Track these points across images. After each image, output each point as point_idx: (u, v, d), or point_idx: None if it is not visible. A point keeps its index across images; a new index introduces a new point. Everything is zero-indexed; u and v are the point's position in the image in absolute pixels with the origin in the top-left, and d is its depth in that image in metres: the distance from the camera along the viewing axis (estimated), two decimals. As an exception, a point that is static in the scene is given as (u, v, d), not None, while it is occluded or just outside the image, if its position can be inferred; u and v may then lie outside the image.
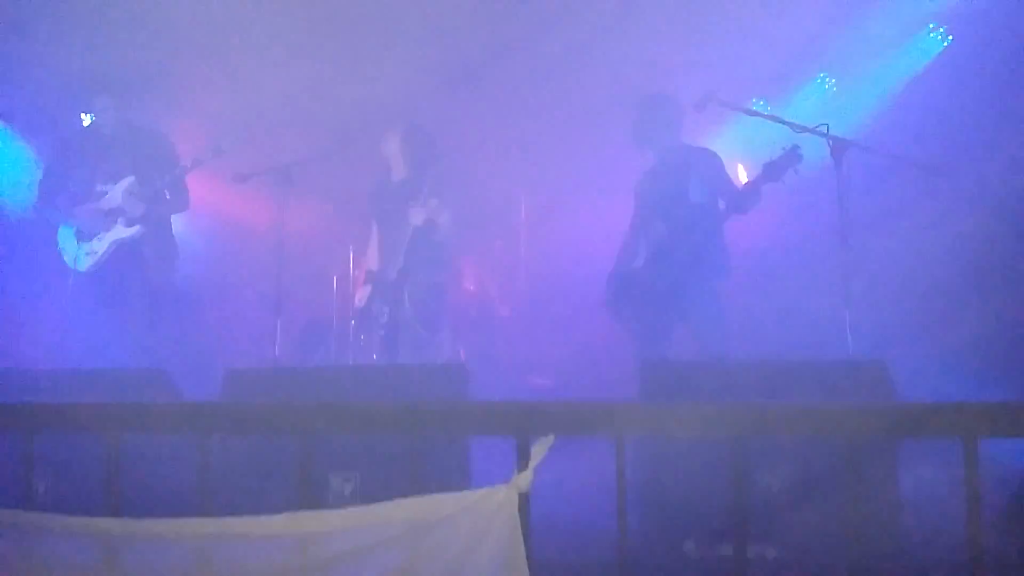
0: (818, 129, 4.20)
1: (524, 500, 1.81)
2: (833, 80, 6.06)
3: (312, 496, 1.94)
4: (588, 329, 6.14)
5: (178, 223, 5.36)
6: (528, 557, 1.76)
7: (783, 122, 4.48)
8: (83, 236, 4.99)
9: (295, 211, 4.63)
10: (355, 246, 6.21)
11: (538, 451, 1.80)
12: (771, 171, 4.26)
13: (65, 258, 5.00)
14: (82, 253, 4.96)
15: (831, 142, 4.14)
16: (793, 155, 4.22)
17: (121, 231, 4.94)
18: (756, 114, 4.87)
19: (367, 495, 2.85)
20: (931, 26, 5.52)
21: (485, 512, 1.80)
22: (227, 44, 5.76)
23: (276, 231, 4.50)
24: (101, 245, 4.95)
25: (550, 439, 1.80)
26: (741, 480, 1.83)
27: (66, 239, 5.04)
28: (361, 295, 5.27)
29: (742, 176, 5.82)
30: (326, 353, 6.10)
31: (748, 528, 1.89)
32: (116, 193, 4.97)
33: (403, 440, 1.98)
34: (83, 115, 6.28)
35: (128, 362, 4.52)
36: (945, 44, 5.48)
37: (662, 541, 2.96)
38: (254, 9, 5.55)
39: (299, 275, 5.67)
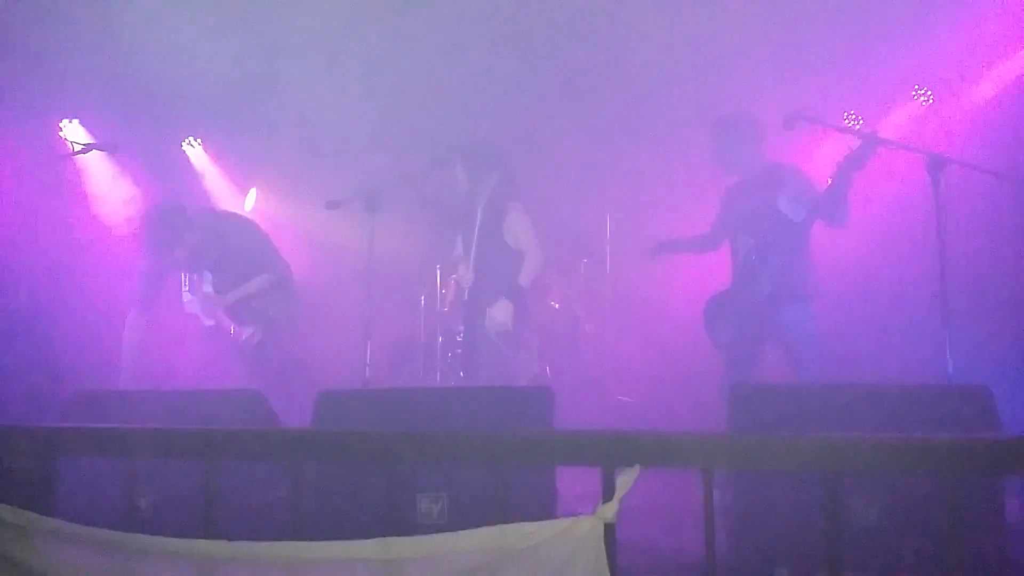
0: (913, 145, 4.07)
1: (610, 530, 1.81)
2: (928, 93, 5.86)
3: (400, 518, 1.97)
4: (673, 347, 6.07)
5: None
6: (614, 585, 1.76)
7: (877, 139, 4.36)
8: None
9: (382, 235, 4.72)
10: (442, 265, 6.30)
11: (624, 482, 1.79)
12: (853, 160, 4.17)
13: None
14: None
15: (928, 159, 4.00)
16: (872, 140, 4.10)
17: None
18: (848, 131, 4.75)
19: (455, 514, 2.88)
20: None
21: (570, 541, 1.80)
22: (318, 72, 5.95)
23: (365, 255, 4.59)
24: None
25: (635, 470, 1.79)
26: (834, 516, 1.78)
27: None
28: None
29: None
30: (413, 373, 6.19)
31: (842, 558, 1.84)
32: (200, 294, 5.21)
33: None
34: (183, 143, 6.58)
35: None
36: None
37: (752, 567, 2.90)
38: (334, 40, 5.72)
39: (388, 297, 5.79)
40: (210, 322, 5.23)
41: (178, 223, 5.00)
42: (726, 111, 4.92)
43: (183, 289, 5.28)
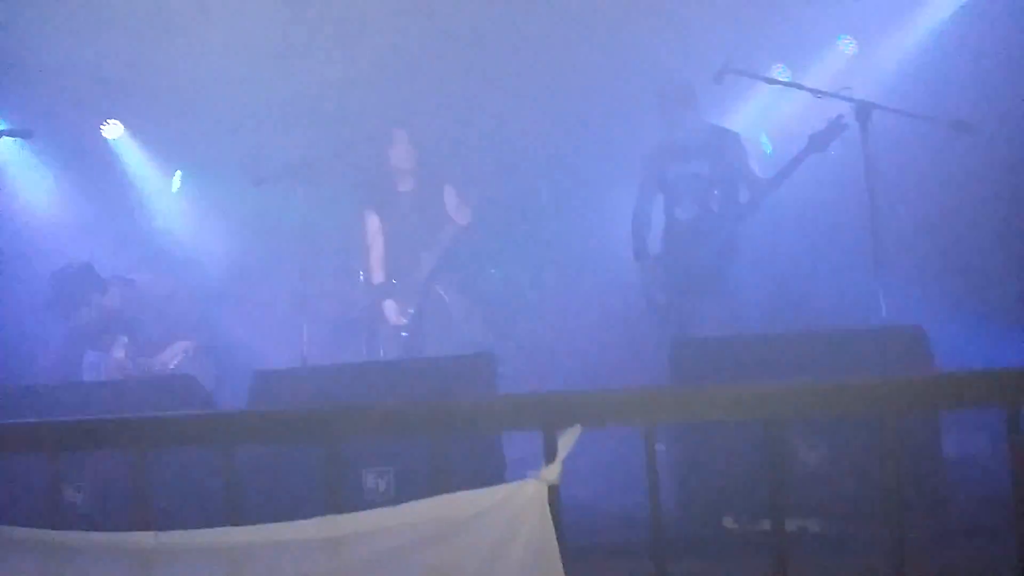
0: (840, 93, 4.10)
1: (554, 492, 1.79)
2: (853, 41, 5.91)
3: (346, 496, 1.93)
4: (616, 310, 6.10)
5: (199, 227, 5.36)
6: (561, 547, 1.74)
7: (804, 88, 4.39)
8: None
9: (314, 212, 4.62)
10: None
11: (565, 443, 1.77)
12: (816, 142, 4.21)
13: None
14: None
15: (855, 105, 4.04)
16: (838, 125, 4.14)
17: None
18: (776, 82, 4.79)
19: (403, 488, 2.85)
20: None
21: (514, 506, 1.79)
22: (237, 45, 5.75)
23: (298, 232, 4.50)
24: None
25: (576, 430, 1.78)
26: (778, 460, 1.78)
27: None
28: (375, 304, 5.25)
29: (766, 145, 5.73)
30: (354, 352, 6.11)
31: (788, 503, 1.85)
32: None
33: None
34: (101, 127, 6.31)
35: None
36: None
37: (700, 518, 2.93)
38: (262, 11, 5.53)
39: (326, 276, 5.67)
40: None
41: (87, 283, 4.83)
42: (661, 75, 4.92)
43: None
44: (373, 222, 5.28)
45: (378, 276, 5.27)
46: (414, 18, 5.78)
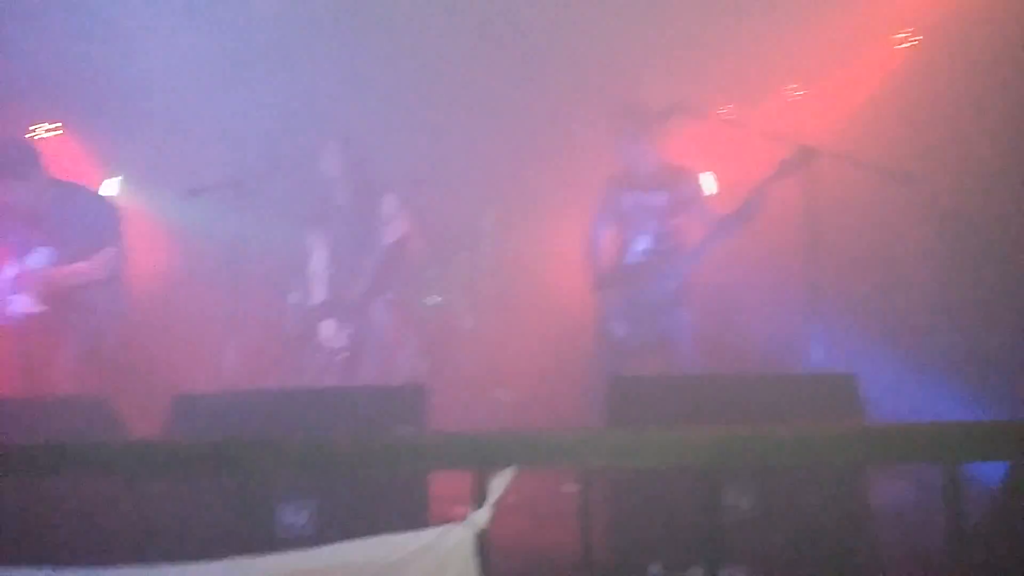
0: (784, 138, 4.15)
1: (482, 536, 1.72)
2: (799, 88, 6.02)
3: (261, 532, 1.82)
4: (554, 342, 6.05)
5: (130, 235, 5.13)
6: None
7: (750, 130, 4.44)
8: None
9: (249, 225, 4.48)
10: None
11: (497, 486, 1.70)
12: (787, 167, 4.20)
13: None
14: None
15: (798, 151, 4.08)
16: (806, 153, 4.12)
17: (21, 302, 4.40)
18: (723, 123, 4.84)
19: (323, 524, 2.72)
20: (901, 31, 5.44)
21: (440, 552, 1.72)
22: (175, 55, 5.61)
23: (228, 246, 4.34)
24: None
25: (510, 472, 1.71)
26: (715, 511, 1.73)
27: None
28: (308, 321, 5.10)
29: (711, 185, 5.78)
30: (281, 375, 5.92)
31: (719, 550, 1.81)
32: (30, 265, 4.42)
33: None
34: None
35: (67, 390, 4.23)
36: (913, 47, 5.39)
37: (627, 565, 2.87)
38: (207, 24, 5.42)
39: (255, 294, 5.50)
40: (40, 307, 4.40)
41: (28, 157, 4.30)
42: (614, 103, 4.92)
43: None
44: (311, 238, 5.14)
45: (315, 295, 5.13)
46: (366, 31, 5.72)
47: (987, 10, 4.72)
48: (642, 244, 4.72)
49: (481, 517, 1.70)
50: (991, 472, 2.83)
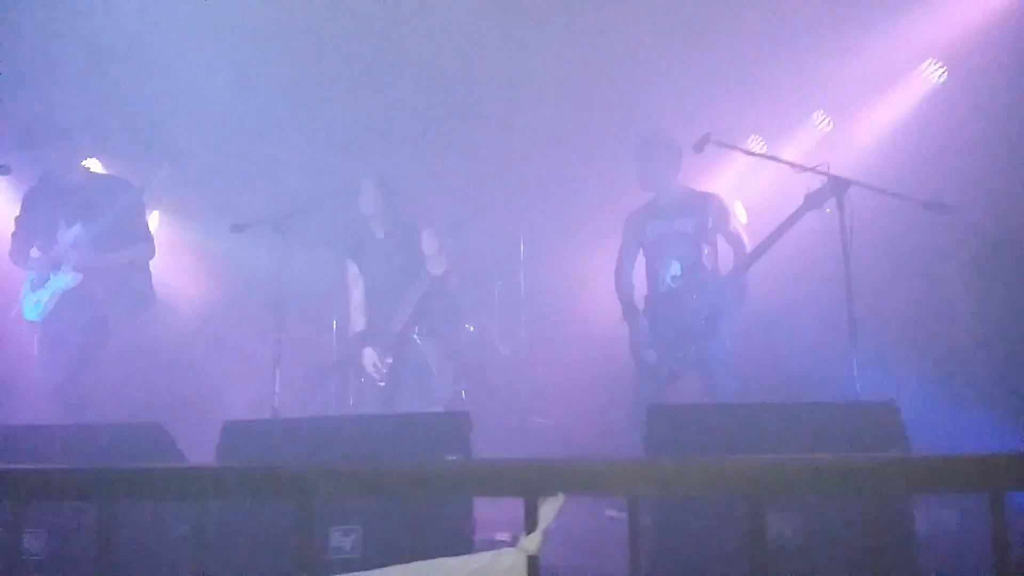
0: (818, 168, 4.16)
1: (533, 562, 1.75)
2: (829, 119, 6.05)
3: (311, 554, 1.87)
4: (587, 368, 6.08)
5: (174, 275, 5.29)
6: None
7: (781, 161, 4.46)
8: (35, 286, 4.78)
9: (292, 257, 4.59)
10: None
11: (547, 512, 1.73)
12: (812, 200, 4.21)
13: (23, 310, 4.78)
14: (30, 303, 4.76)
15: (831, 181, 4.10)
16: (836, 183, 4.08)
17: (62, 279, 4.72)
18: (754, 154, 4.87)
19: (370, 547, 2.78)
20: (927, 62, 5.48)
21: (492, 577, 1.73)
22: (216, 90, 5.77)
23: (273, 279, 4.45)
24: (45, 294, 4.73)
25: (560, 499, 1.74)
26: (760, 540, 1.76)
27: (25, 290, 4.83)
28: (353, 352, 5.19)
29: (741, 214, 5.80)
30: (325, 401, 6.02)
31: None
32: (64, 241, 4.77)
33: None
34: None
35: (123, 416, 4.36)
36: (942, 79, 5.43)
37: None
38: (242, 57, 5.57)
39: (299, 323, 5.62)
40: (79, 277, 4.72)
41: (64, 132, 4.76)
42: (643, 133, 4.98)
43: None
44: (351, 270, 5.26)
45: (357, 324, 5.23)
46: (398, 68, 5.84)
47: (1014, 40, 4.72)
48: (672, 271, 4.75)
49: (532, 543, 1.72)
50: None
